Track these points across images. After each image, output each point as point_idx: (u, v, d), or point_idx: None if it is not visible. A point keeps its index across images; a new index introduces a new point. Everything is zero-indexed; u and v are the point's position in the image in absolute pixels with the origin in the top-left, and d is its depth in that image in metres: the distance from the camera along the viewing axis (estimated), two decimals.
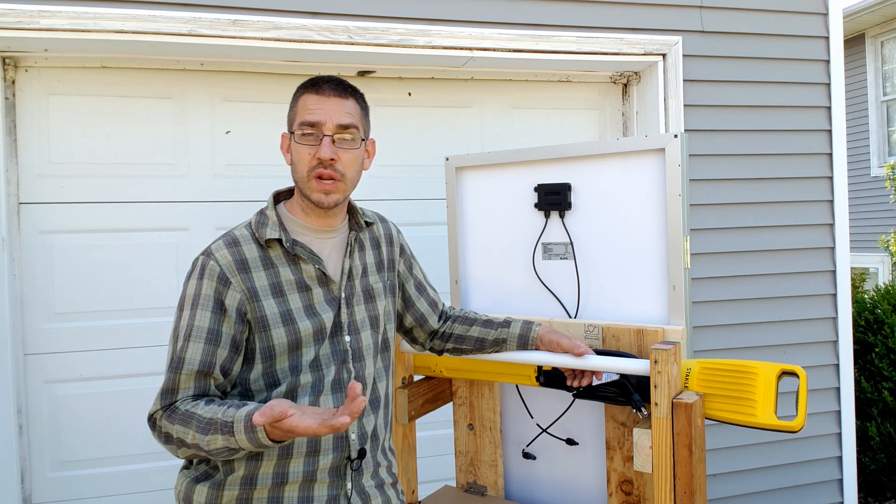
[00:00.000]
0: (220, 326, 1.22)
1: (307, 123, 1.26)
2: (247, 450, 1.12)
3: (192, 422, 1.15)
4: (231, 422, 1.12)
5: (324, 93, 1.27)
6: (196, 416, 1.16)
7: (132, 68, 2.46)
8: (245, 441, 1.10)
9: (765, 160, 2.90)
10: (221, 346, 1.22)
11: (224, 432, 1.12)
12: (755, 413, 1.38)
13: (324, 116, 1.26)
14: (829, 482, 3.01)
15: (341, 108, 1.28)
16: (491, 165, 1.91)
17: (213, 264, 1.23)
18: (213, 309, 1.22)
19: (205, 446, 1.14)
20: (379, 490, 1.36)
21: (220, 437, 1.12)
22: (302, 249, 1.29)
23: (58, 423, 2.41)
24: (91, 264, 2.44)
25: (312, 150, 1.26)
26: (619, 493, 1.67)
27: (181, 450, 1.19)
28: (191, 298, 1.23)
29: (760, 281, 2.90)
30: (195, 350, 1.20)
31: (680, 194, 1.59)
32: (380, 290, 1.43)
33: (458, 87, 2.82)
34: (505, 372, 1.70)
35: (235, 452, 1.14)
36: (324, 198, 1.28)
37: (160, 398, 1.21)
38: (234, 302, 1.22)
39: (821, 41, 2.95)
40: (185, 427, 1.16)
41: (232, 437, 1.11)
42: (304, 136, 1.26)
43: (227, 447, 1.13)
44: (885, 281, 7.13)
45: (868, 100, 7.82)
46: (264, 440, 1.08)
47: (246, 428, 1.09)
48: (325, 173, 1.26)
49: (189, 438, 1.15)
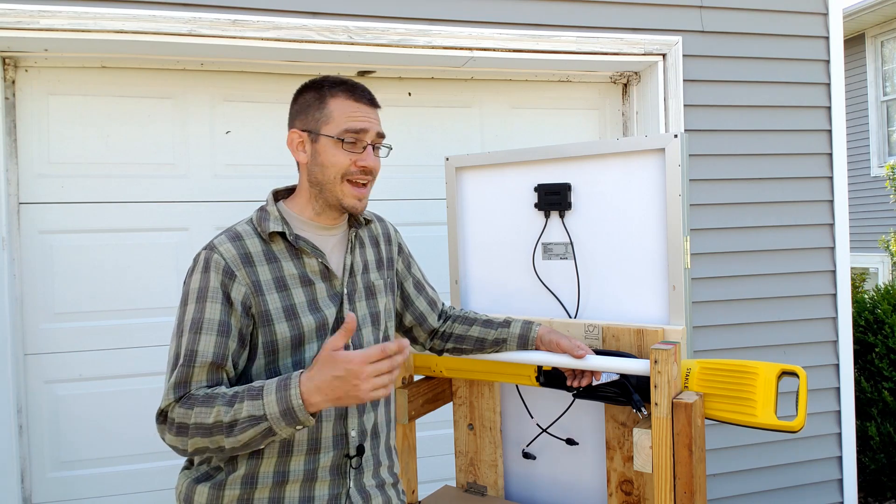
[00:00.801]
0: (229, 318, 1.20)
1: (352, 130, 1.27)
2: (273, 419, 1.08)
3: (215, 399, 1.12)
4: (262, 385, 1.11)
5: (363, 100, 1.29)
6: (221, 393, 1.13)
7: (132, 68, 2.46)
8: (273, 402, 1.08)
9: (765, 160, 2.90)
10: (231, 338, 1.20)
11: (251, 397, 1.10)
12: (755, 413, 1.38)
13: (367, 125, 1.28)
14: (829, 482, 3.01)
15: (377, 116, 1.32)
16: (491, 165, 1.91)
17: (218, 258, 1.22)
18: (221, 301, 1.20)
19: (227, 419, 1.10)
20: (380, 490, 1.36)
21: (245, 404, 1.09)
22: (305, 243, 1.29)
23: (58, 423, 2.41)
24: (91, 264, 2.44)
25: (353, 157, 1.27)
26: (619, 493, 1.67)
27: (193, 439, 1.13)
28: (197, 292, 1.21)
29: (760, 281, 2.90)
30: (207, 342, 1.18)
31: (680, 194, 1.59)
32: (381, 286, 1.43)
33: (458, 87, 2.82)
34: (505, 372, 1.70)
35: (258, 423, 1.10)
36: (358, 203, 1.30)
37: (173, 391, 1.17)
38: (240, 295, 1.22)
39: (821, 41, 2.95)
40: (207, 407, 1.12)
41: (260, 399, 1.09)
42: (348, 144, 1.27)
43: (251, 415, 1.09)
44: (885, 281, 7.13)
45: (868, 100, 7.82)
46: (296, 399, 1.07)
47: (279, 386, 1.09)
48: (363, 179, 1.29)
49: (211, 418, 1.11)
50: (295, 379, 1.09)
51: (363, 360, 1.05)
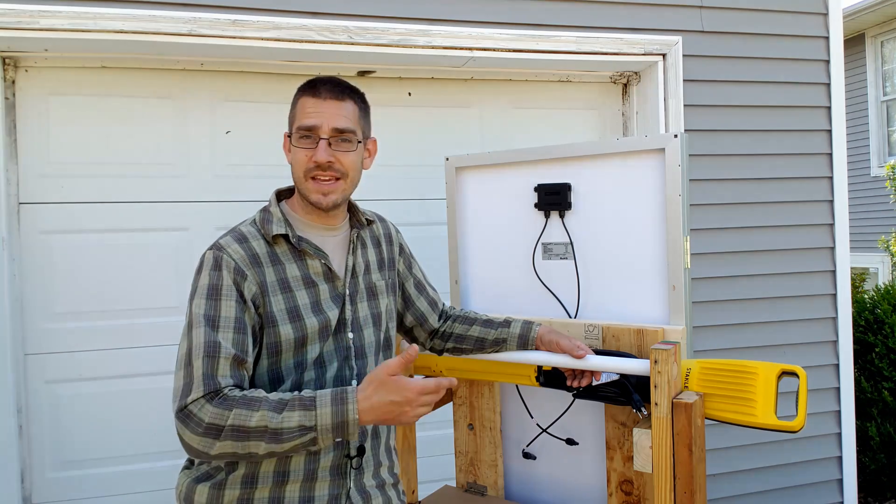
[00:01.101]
0: (244, 316, 1.21)
1: (304, 127, 1.27)
2: (322, 431, 1.10)
3: (259, 403, 1.10)
4: (313, 396, 1.12)
5: (321, 95, 1.28)
6: (263, 398, 1.12)
7: (132, 68, 2.46)
8: (328, 415, 1.10)
9: (765, 160, 2.90)
10: (248, 335, 1.20)
11: (303, 407, 1.10)
12: (755, 413, 1.38)
13: (320, 120, 1.27)
14: (829, 482, 3.01)
15: (338, 111, 1.29)
16: (491, 165, 1.91)
17: (228, 258, 1.23)
18: (236, 299, 1.20)
19: (275, 425, 1.09)
20: (380, 490, 1.36)
21: (297, 413, 1.10)
22: (308, 244, 1.30)
23: (58, 423, 2.41)
24: (91, 264, 2.44)
25: (309, 153, 1.27)
26: (619, 493, 1.67)
27: (224, 442, 1.09)
28: (208, 289, 1.20)
29: (760, 281, 2.90)
30: (226, 338, 1.17)
31: (680, 194, 1.59)
32: (382, 287, 1.43)
33: (458, 87, 2.82)
34: (505, 372, 1.70)
35: (306, 434, 1.10)
36: (322, 198, 1.29)
37: (202, 383, 1.12)
38: (251, 294, 1.22)
39: (821, 41, 2.95)
40: (248, 410, 1.09)
41: (312, 409, 1.10)
42: (301, 140, 1.28)
43: (301, 425, 1.09)
44: (885, 281, 7.12)
45: (868, 100, 7.82)
46: (353, 414, 1.10)
47: (334, 399, 1.11)
48: (323, 175, 1.27)
49: (254, 421, 1.09)
50: (352, 394, 1.12)
51: (420, 391, 1.12)
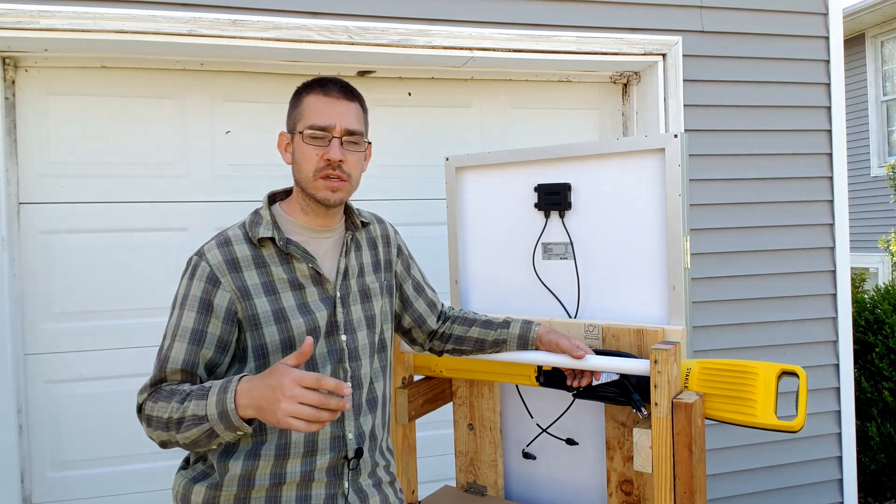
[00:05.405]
0: (205, 327, 1.23)
1: (317, 126, 1.27)
2: (212, 423, 1.09)
3: (174, 396, 1.16)
4: (209, 386, 1.12)
5: (332, 95, 1.29)
6: (181, 390, 1.17)
7: (132, 68, 2.46)
8: (213, 406, 1.09)
9: (765, 160, 2.90)
10: (206, 346, 1.23)
11: (198, 397, 1.12)
12: (755, 413, 1.38)
13: (334, 119, 1.27)
14: (829, 482, 3.01)
15: (349, 111, 1.30)
16: (491, 165, 1.91)
17: (204, 265, 1.25)
18: (198, 310, 1.23)
19: (177, 415, 1.13)
20: (376, 488, 1.36)
21: (193, 403, 1.12)
22: (295, 248, 1.30)
23: (58, 423, 2.41)
24: (91, 264, 2.44)
25: (321, 152, 1.27)
26: (619, 493, 1.67)
27: (157, 432, 1.18)
28: (180, 298, 1.26)
29: (760, 281, 2.90)
30: (179, 349, 1.22)
31: (680, 194, 1.59)
32: (377, 290, 1.43)
33: (457, 87, 2.82)
34: (505, 372, 1.70)
35: (201, 423, 1.10)
36: (331, 195, 1.29)
37: (147, 388, 1.22)
38: (224, 301, 1.24)
39: (821, 41, 2.95)
40: (166, 402, 1.16)
41: (203, 400, 1.11)
42: (314, 139, 1.27)
43: (194, 415, 1.11)
44: (885, 281, 7.12)
45: (868, 100, 7.82)
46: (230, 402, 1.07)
47: (220, 388, 1.10)
48: (334, 174, 1.27)
49: (166, 413, 1.15)
50: (234, 382, 1.10)
51: (295, 380, 1.02)
